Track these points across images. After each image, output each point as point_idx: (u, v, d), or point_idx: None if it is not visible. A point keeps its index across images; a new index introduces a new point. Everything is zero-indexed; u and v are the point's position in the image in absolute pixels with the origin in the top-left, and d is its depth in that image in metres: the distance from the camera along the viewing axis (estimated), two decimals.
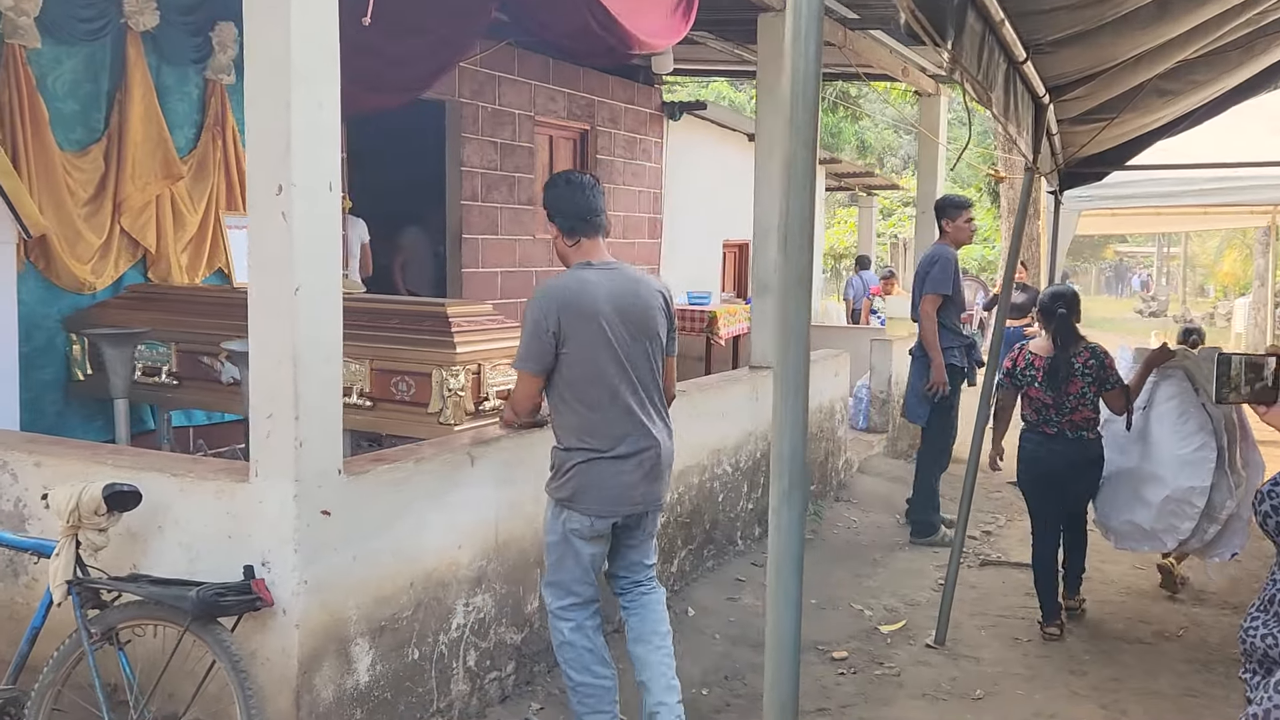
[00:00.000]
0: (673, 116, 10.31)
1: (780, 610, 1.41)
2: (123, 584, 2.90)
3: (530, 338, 3.33)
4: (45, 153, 4.89)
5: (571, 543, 3.40)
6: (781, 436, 1.35)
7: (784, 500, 1.38)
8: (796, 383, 1.32)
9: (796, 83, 1.31)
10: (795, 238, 1.32)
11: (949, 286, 6.09)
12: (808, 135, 1.31)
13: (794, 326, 1.31)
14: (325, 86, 2.89)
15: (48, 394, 5.12)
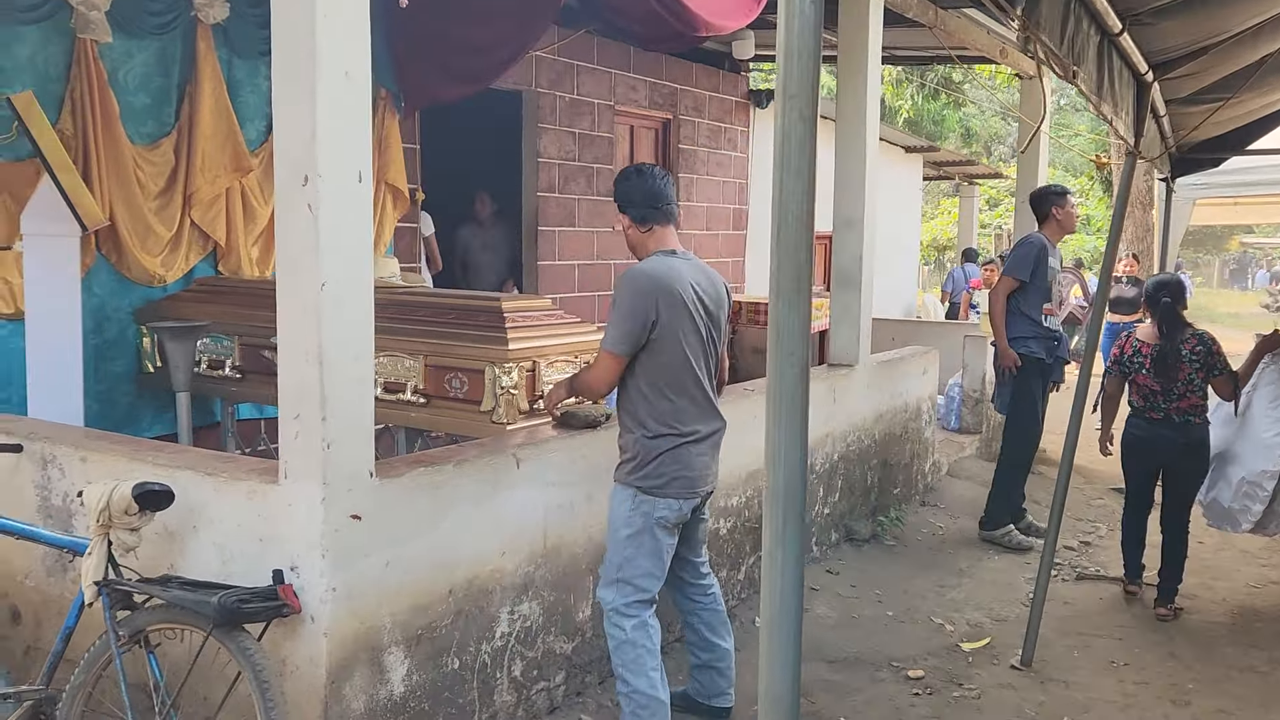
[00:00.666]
0: (760, 104, 10.02)
1: (775, 670, 1.19)
2: (149, 586, 2.83)
3: (626, 319, 3.26)
4: (116, 146, 4.92)
5: (654, 534, 3.36)
6: (775, 468, 1.13)
7: (778, 541, 1.15)
8: (791, 404, 1.10)
9: (790, 41, 1.08)
10: (790, 230, 1.09)
11: (1026, 271, 5.76)
12: (805, 106, 1.08)
13: (787, 337, 1.08)
14: (354, 60, 2.75)
15: (119, 386, 5.17)
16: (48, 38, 4.70)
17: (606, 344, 3.32)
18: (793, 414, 1.09)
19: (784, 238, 1.10)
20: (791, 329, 1.09)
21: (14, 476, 3.61)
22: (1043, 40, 2.14)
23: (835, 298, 5.81)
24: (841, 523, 5.74)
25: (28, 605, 3.63)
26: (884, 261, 13.32)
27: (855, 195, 5.67)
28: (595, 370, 3.41)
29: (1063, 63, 2.54)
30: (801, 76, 1.09)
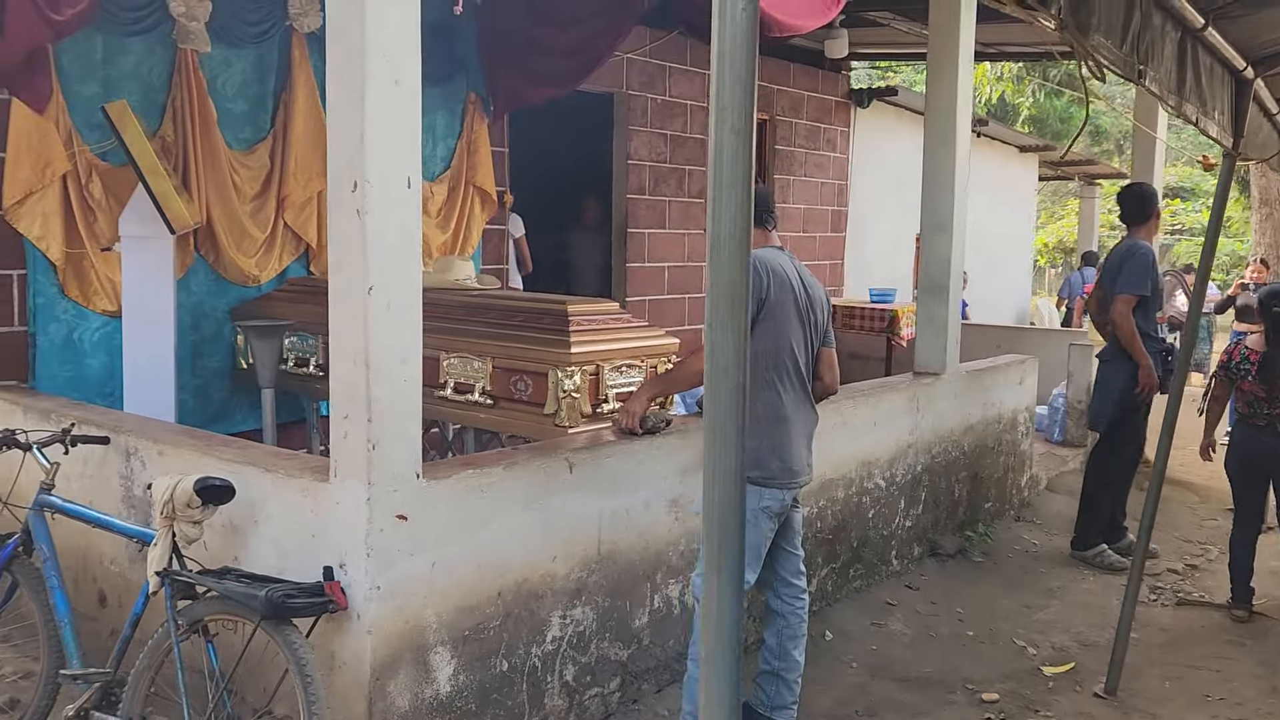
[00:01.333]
0: (861, 104, 9.81)
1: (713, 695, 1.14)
2: (206, 578, 2.93)
3: None
4: (214, 152, 5.13)
5: (760, 524, 3.42)
6: (710, 487, 1.08)
7: (714, 566, 1.11)
8: (725, 424, 1.05)
9: (723, 49, 1.04)
10: (725, 243, 1.04)
11: (1146, 286, 5.42)
12: (739, 119, 1.04)
13: (721, 355, 1.04)
14: (403, 69, 2.79)
15: (215, 381, 5.39)
16: (151, 49, 4.93)
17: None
18: (727, 433, 1.05)
19: (718, 256, 1.06)
20: (726, 348, 1.04)
21: (102, 467, 3.79)
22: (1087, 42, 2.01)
23: (922, 304, 5.64)
24: (925, 537, 5.56)
25: (113, 590, 3.82)
26: (994, 265, 12.90)
27: (944, 198, 5.49)
28: (697, 356, 3.41)
29: (1125, 61, 2.39)
30: (734, 89, 1.05)
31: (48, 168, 4.48)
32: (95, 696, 3.09)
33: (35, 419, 4.01)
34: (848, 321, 8.57)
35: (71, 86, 4.64)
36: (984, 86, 19.98)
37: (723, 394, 1.04)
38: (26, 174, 4.43)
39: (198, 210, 5.00)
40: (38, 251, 4.57)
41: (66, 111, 4.60)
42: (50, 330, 4.65)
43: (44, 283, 4.62)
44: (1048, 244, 26.53)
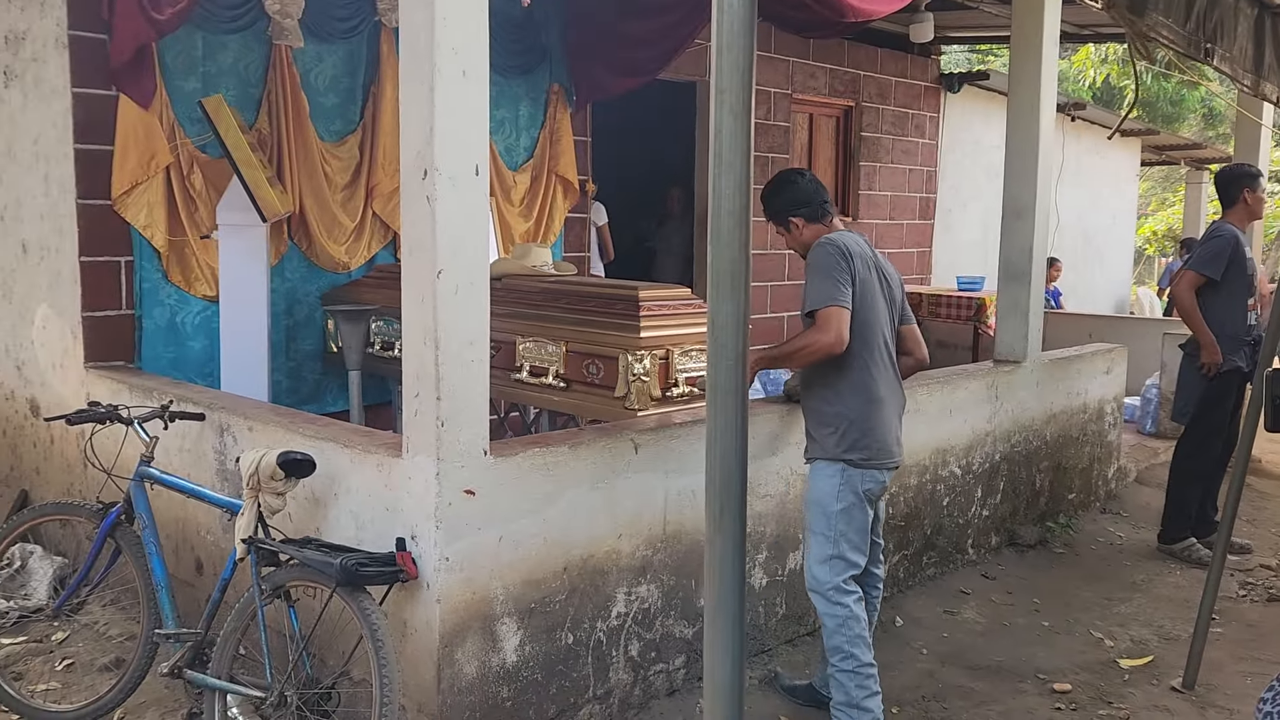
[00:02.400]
0: (952, 88, 9.65)
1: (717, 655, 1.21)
2: (288, 546, 3.10)
3: (828, 276, 3.33)
4: (306, 143, 5.35)
5: (864, 507, 3.45)
6: (711, 455, 1.15)
7: (716, 528, 1.17)
8: (725, 395, 1.12)
9: (721, 35, 1.10)
10: (723, 224, 1.11)
11: (1215, 268, 5.27)
12: (736, 101, 1.10)
13: (721, 330, 1.11)
14: (471, 60, 2.89)
15: (307, 364, 5.63)
16: (248, 45, 5.17)
17: (824, 300, 3.30)
18: (727, 404, 1.11)
19: (718, 232, 1.12)
20: (725, 322, 1.11)
21: (199, 442, 4.02)
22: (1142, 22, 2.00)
23: (1002, 291, 5.55)
24: (1003, 526, 5.49)
25: (208, 558, 4.05)
26: (1093, 253, 12.53)
27: (1027, 183, 5.39)
28: (826, 328, 3.27)
29: (1190, 40, 2.37)
30: (732, 72, 1.11)
31: (152, 160, 4.75)
32: (188, 655, 3.30)
33: (139, 396, 4.27)
34: (934, 309, 8.46)
35: (174, 82, 4.90)
36: (1088, 69, 19.35)
37: (723, 365, 1.11)
38: (133, 166, 4.70)
39: (290, 200, 5.23)
40: (143, 239, 4.84)
41: (169, 106, 4.86)
42: (154, 314, 4.93)
43: (149, 269, 4.90)
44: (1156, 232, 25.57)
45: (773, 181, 3.71)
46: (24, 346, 5.11)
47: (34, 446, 5.10)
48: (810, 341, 3.34)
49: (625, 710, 3.60)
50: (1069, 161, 11.03)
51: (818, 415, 3.50)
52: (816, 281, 3.36)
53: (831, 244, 3.41)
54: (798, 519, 4.20)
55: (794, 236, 3.64)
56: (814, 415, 3.52)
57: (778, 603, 4.17)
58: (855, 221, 8.88)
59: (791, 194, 3.60)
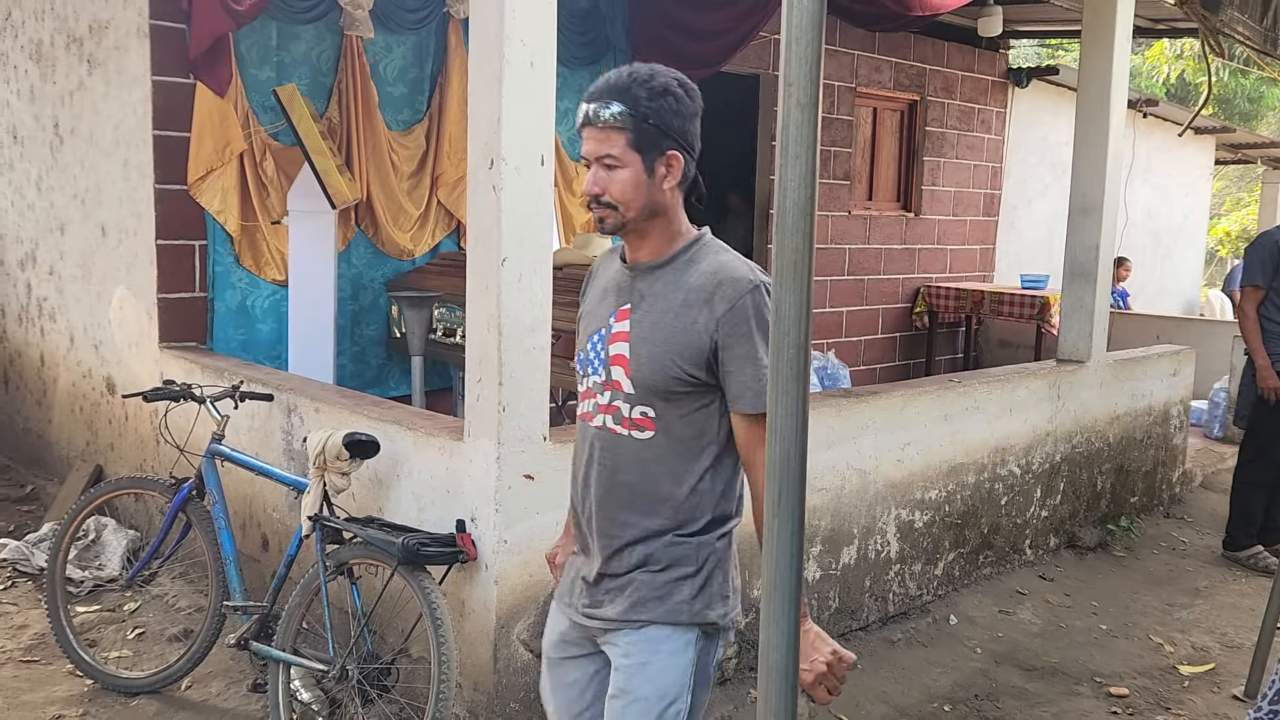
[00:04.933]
0: (1020, 83, 9.49)
1: (772, 638, 1.24)
2: (352, 525, 3.18)
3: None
4: (374, 133, 5.45)
5: (707, 692, 2.14)
6: (771, 442, 1.18)
7: (774, 512, 1.20)
8: (788, 383, 1.14)
9: (790, 28, 1.12)
10: (789, 216, 1.13)
11: (1262, 276, 5.17)
12: (803, 94, 1.12)
13: (784, 319, 1.13)
14: (538, 52, 2.94)
15: (371, 349, 5.74)
16: (320, 35, 5.28)
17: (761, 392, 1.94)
18: (790, 391, 1.14)
19: (783, 223, 1.15)
20: (788, 309, 1.13)
21: (267, 422, 4.14)
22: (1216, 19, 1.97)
23: (1067, 289, 5.47)
24: (1063, 527, 5.42)
25: (274, 535, 4.17)
26: (1163, 253, 12.25)
27: (1094, 180, 5.31)
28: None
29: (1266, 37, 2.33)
30: (800, 65, 1.12)
31: (227, 147, 4.87)
32: (254, 628, 3.41)
33: (210, 376, 4.40)
34: (996, 308, 8.36)
35: (248, 71, 5.02)
36: (1162, 65, 18.89)
37: (785, 353, 1.13)
38: (209, 153, 4.83)
39: (358, 187, 5.33)
40: (217, 224, 4.97)
41: (244, 95, 4.98)
42: (226, 296, 5.07)
43: (222, 253, 5.03)
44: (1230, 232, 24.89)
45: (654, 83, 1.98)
46: (101, 326, 5.28)
47: (109, 423, 5.27)
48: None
49: None
50: (1139, 159, 10.80)
51: (683, 549, 2.02)
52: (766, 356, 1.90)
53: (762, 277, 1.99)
54: (853, 513, 4.20)
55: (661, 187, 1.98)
56: (663, 547, 2.03)
57: (831, 596, 4.17)
58: (918, 218, 8.80)
59: (676, 111, 1.99)
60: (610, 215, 2.00)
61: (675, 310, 1.97)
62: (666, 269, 2.02)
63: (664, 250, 2.03)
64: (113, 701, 3.60)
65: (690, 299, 1.96)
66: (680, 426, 1.99)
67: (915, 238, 8.81)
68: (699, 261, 2.00)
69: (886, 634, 4.38)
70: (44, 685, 3.71)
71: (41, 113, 5.69)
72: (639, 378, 1.98)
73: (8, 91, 6.05)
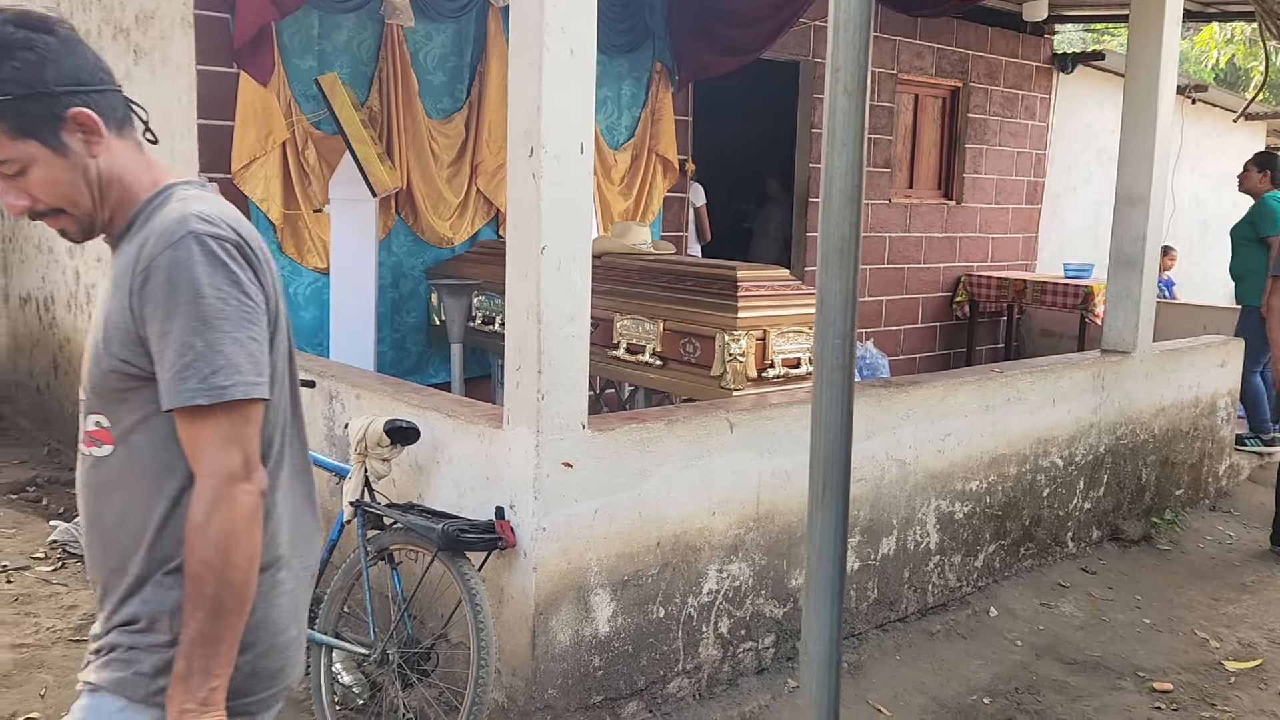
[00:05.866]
0: (1065, 69, 9.34)
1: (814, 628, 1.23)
2: (393, 511, 3.21)
3: (234, 329, 1.51)
4: (414, 121, 5.48)
5: None
6: (816, 431, 1.17)
7: (818, 504, 1.19)
8: (833, 371, 1.13)
9: (838, 14, 1.11)
10: (835, 203, 1.12)
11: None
12: (850, 80, 1.11)
13: (829, 306, 1.12)
14: (578, 39, 2.93)
15: (411, 335, 5.79)
16: (362, 24, 5.31)
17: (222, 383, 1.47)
18: (835, 380, 1.13)
19: (829, 210, 1.14)
20: (833, 298, 1.12)
21: (309, 409, 4.17)
22: None
23: (1112, 279, 5.39)
24: (1106, 520, 5.35)
25: None
26: (1211, 242, 12.01)
27: (1142, 169, 5.21)
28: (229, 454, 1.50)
29: None
30: (848, 50, 1.11)
31: (270, 135, 4.92)
32: None
33: None
34: (1039, 297, 8.25)
35: (290, 60, 5.06)
36: (1211, 50, 18.50)
37: (830, 342, 1.12)
38: (252, 141, 4.88)
39: (399, 176, 5.37)
40: (260, 212, 5.03)
41: (286, 84, 5.03)
42: None
43: (265, 241, 5.08)
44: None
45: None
46: None
47: None
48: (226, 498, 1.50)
49: (714, 686, 3.64)
50: (1187, 146, 10.60)
51: (129, 601, 1.57)
52: (196, 329, 1.46)
53: (213, 240, 1.49)
54: (892, 504, 4.18)
55: (70, 170, 1.54)
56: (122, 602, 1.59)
57: (869, 587, 4.15)
58: (959, 205, 8.70)
59: (48, 58, 1.50)
60: (67, 221, 1.58)
61: (112, 286, 1.55)
62: (125, 240, 1.58)
63: (122, 219, 1.59)
64: None
65: (124, 267, 1.53)
66: (140, 437, 1.53)
67: (956, 226, 8.71)
68: (152, 219, 1.55)
69: (925, 625, 4.35)
70: None
71: None
72: (86, 377, 1.57)
73: None
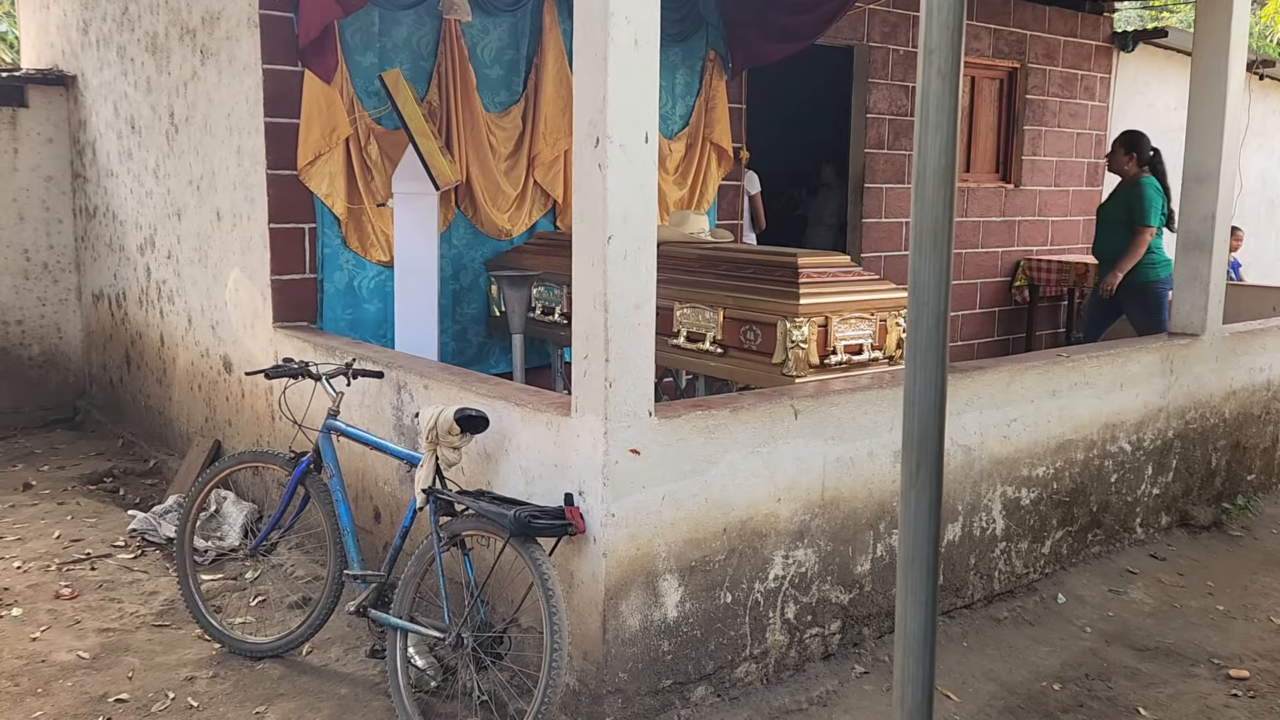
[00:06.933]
0: (1125, 47, 9.16)
1: (909, 608, 1.25)
2: (464, 497, 3.27)
3: None
4: (472, 115, 5.54)
5: None
6: (910, 414, 1.19)
7: (911, 483, 1.21)
8: (927, 353, 1.15)
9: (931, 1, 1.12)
10: (928, 185, 1.13)
11: None
12: (944, 63, 1.12)
13: (922, 288, 1.14)
14: (643, 29, 2.95)
15: (472, 326, 5.86)
16: (420, 20, 5.38)
17: None
18: (928, 362, 1.14)
19: (922, 191, 1.15)
20: (927, 280, 1.13)
21: (378, 399, 4.26)
22: None
23: (1180, 261, 5.29)
24: (1175, 506, 5.27)
25: (385, 507, 4.30)
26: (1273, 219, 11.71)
27: (1211, 147, 5.11)
28: None
29: None
30: (941, 32, 1.12)
31: (334, 132, 5.01)
32: (372, 596, 3.53)
33: (322, 355, 4.55)
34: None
35: (353, 58, 5.15)
36: (1277, 24, 18.00)
37: (924, 324, 1.14)
38: (317, 138, 4.97)
39: (459, 169, 5.43)
40: (325, 207, 5.13)
41: (349, 80, 5.11)
42: (335, 278, 5.23)
43: (330, 235, 5.19)
44: None
45: None
46: (218, 308, 5.50)
47: (226, 400, 5.50)
48: None
49: (780, 671, 3.66)
50: (1254, 123, 10.33)
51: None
52: None
53: None
54: (957, 490, 4.16)
55: None
56: None
57: None
58: (1017, 189, 8.58)
59: None
60: None
61: None
62: None
63: None
64: (239, 665, 3.78)
65: None
66: None
67: (1015, 209, 8.59)
68: None
69: (992, 612, 4.33)
70: (176, 648, 3.91)
71: (158, 103, 5.92)
72: None
73: (126, 83, 6.32)
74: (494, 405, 3.55)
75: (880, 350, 4.30)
